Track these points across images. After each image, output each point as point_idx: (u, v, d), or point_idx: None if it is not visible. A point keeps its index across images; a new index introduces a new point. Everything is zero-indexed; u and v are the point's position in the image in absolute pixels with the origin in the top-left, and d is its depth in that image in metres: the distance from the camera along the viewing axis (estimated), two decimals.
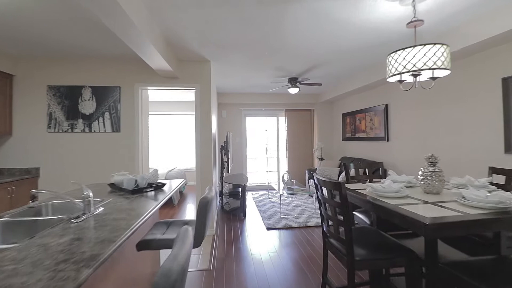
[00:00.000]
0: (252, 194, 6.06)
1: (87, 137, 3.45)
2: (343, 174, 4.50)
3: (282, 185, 5.02)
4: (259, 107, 6.51)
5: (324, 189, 1.83)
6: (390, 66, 2.04)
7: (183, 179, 2.60)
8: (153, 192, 2.03)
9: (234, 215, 4.46)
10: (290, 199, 5.39)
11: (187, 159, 7.28)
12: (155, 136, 7.17)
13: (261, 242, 3.29)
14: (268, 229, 3.75)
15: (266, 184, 6.75)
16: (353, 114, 5.45)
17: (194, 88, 3.60)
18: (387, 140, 4.35)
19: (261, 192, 6.15)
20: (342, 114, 5.92)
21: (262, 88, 5.64)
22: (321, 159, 6.08)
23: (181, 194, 5.92)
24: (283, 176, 5.02)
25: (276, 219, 4.12)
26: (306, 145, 6.64)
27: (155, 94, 5.94)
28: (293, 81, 4.63)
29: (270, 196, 5.69)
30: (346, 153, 5.84)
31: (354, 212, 2.78)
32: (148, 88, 3.61)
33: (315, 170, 5.66)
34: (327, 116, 6.59)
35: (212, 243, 3.27)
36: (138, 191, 1.99)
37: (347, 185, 2.29)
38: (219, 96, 6.21)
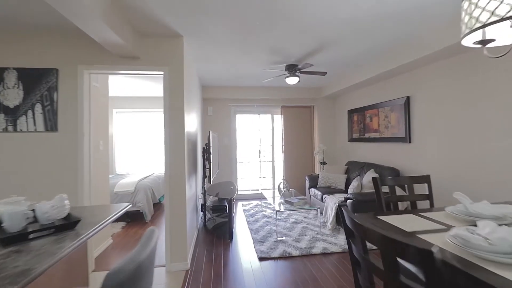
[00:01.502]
0: (242, 205, 5.15)
1: (10, 138, 2.49)
2: (354, 183, 3.64)
3: (277, 196, 4.14)
4: (251, 102, 5.61)
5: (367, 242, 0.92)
6: (467, 18, 1.16)
7: (128, 204, 1.68)
8: (52, 238, 1.11)
9: (218, 236, 3.54)
10: (288, 212, 4.50)
11: None
12: (128, 138, 6.19)
13: (250, 283, 2.39)
14: (261, 259, 2.85)
15: (259, 192, 5.86)
16: (362, 110, 4.60)
17: (161, 73, 2.67)
18: (409, 142, 3.50)
19: (253, 203, 5.24)
20: (348, 111, 5.06)
21: (254, 79, 4.74)
22: (323, 163, 5.22)
23: (160, 205, 4.98)
24: (279, 186, 4.13)
25: (271, 242, 3.22)
26: (306, 147, 5.77)
27: (121, 85, 4.98)
28: (292, 69, 3.75)
29: (263, 208, 4.79)
30: (353, 157, 4.98)
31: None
32: (98, 72, 2.67)
33: (317, 176, 4.79)
34: (329, 114, 5.73)
35: (182, 286, 2.36)
36: (18, 238, 1.07)
37: (383, 218, 1.41)
38: (204, 90, 5.28)
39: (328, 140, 5.70)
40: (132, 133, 6.18)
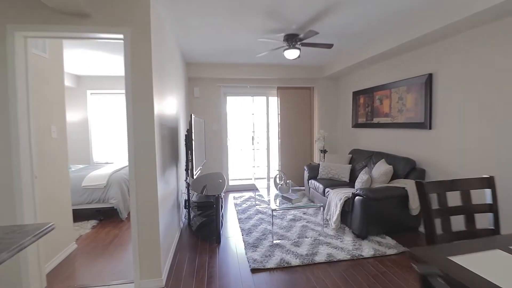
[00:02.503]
0: (234, 198, 4.63)
1: None
2: (363, 176, 3.12)
3: (273, 190, 3.61)
4: (243, 83, 4.96)
5: None
6: None
7: (50, 226, 1.11)
8: None
9: (204, 237, 3.03)
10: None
11: None
12: (107, 123, 5.50)
13: None
14: (254, 270, 2.35)
15: (253, 182, 5.34)
16: (370, 92, 4.01)
17: (119, 36, 2.02)
18: (429, 128, 2.96)
19: (246, 195, 4.73)
20: (354, 92, 4.47)
21: (246, 55, 4.07)
22: (323, 151, 4.68)
23: None
24: (275, 178, 3.60)
25: (266, 247, 2.72)
26: (304, 134, 5.20)
27: (94, 60, 4.25)
28: (292, 40, 3.10)
29: (257, 202, 4.28)
30: (357, 144, 4.45)
31: None
32: (36, 35, 2.00)
33: (317, 166, 4.27)
34: (331, 96, 5.13)
35: None
36: None
37: (463, 262, 0.86)
38: (188, 68, 4.59)
39: (330, 126, 5.13)
40: (112, 117, 5.49)
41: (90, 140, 5.41)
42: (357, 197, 2.84)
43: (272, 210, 2.84)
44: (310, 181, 4.16)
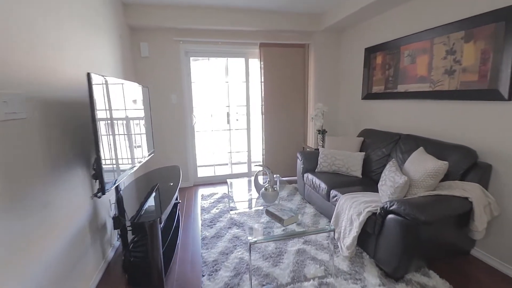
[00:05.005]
0: (202, 196, 3.42)
1: None
2: (397, 179, 1.93)
3: (254, 194, 2.43)
4: (212, 36, 3.52)
5: None
6: None
7: None
8: None
9: (136, 285, 1.83)
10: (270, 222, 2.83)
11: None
12: None
13: None
14: None
15: (229, 167, 4.13)
16: (393, 46, 2.75)
17: None
18: (508, 99, 1.79)
19: (219, 192, 3.52)
20: (367, 49, 3.18)
21: None
22: (322, 132, 3.48)
23: None
24: (255, 177, 2.40)
25: None
26: (296, 108, 3.94)
27: None
28: None
29: (232, 205, 3.09)
30: (371, 123, 3.27)
31: None
32: None
33: (315, 154, 3.09)
34: (333, 56, 3.82)
35: None
36: None
37: None
38: (126, 9, 3.07)
39: (330, 98, 3.89)
40: None
41: None
42: (391, 216, 1.70)
43: (250, 244, 1.64)
44: (306, 175, 2.99)
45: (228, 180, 2.93)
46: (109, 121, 1.63)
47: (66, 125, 1.60)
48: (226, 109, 3.92)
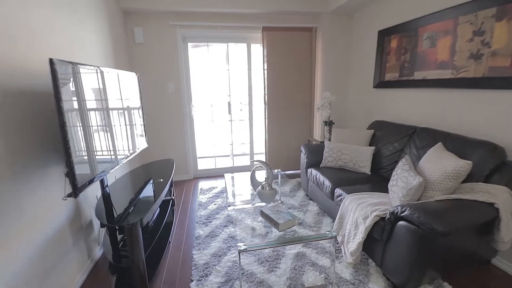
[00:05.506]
0: (201, 190, 3.27)
1: None
2: (411, 180, 1.68)
3: (249, 192, 2.25)
4: (212, 20, 3.27)
5: None
6: None
7: None
8: None
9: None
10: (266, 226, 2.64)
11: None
12: None
13: None
14: None
15: (231, 159, 3.96)
16: (410, 28, 2.43)
17: None
18: None
19: (219, 186, 3.36)
20: (380, 32, 2.87)
21: None
22: (329, 124, 3.24)
23: None
24: (252, 173, 2.21)
25: None
26: (302, 98, 3.68)
27: None
28: None
29: (230, 201, 2.92)
30: (383, 114, 2.99)
31: None
32: None
33: (320, 147, 2.86)
34: (343, 40, 3.50)
35: None
36: None
37: None
38: None
39: (338, 86, 3.60)
40: None
41: None
42: (402, 223, 1.48)
43: (239, 252, 1.47)
44: (309, 170, 2.77)
45: (225, 175, 2.76)
46: (83, 113, 1.46)
47: (37, 118, 1.44)
48: (227, 98, 3.70)
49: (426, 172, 1.75)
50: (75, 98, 1.39)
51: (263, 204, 2.77)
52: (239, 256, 1.48)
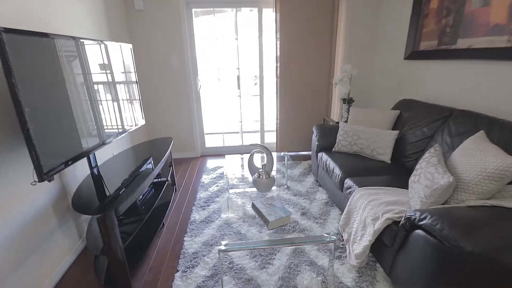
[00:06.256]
0: (205, 170, 3.13)
1: None
2: (437, 177, 1.35)
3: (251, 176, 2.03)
4: None
5: None
6: None
7: None
8: None
9: (107, 282, 1.65)
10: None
11: None
12: None
13: None
14: None
15: (240, 136, 3.75)
16: None
17: None
18: None
19: (224, 166, 3.20)
20: None
21: None
22: (348, 101, 2.85)
23: None
24: (250, 159, 1.97)
25: None
26: (320, 71, 3.26)
27: None
28: None
29: (231, 182, 2.74)
30: (411, 91, 2.54)
31: None
32: None
33: (334, 129, 2.52)
34: (371, 2, 2.96)
35: None
36: None
37: None
38: None
39: (364, 59, 3.12)
40: None
41: None
42: (419, 233, 1.19)
43: (220, 252, 1.29)
44: (320, 154, 2.48)
45: (226, 157, 2.56)
46: (51, 88, 1.29)
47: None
48: (236, 72, 3.39)
49: (459, 168, 1.39)
50: (33, 72, 1.21)
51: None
52: (220, 255, 1.30)
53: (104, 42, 1.78)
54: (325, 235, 1.36)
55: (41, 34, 1.26)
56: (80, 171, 1.93)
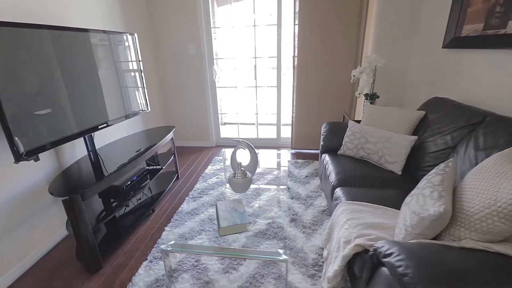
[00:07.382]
0: (213, 159, 3.11)
1: None
2: (431, 192, 1.05)
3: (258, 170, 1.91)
4: None
5: None
6: None
7: None
8: None
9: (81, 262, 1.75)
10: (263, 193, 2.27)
11: None
12: None
13: None
14: None
15: (255, 128, 3.62)
16: None
17: None
18: None
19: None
20: None
21: None
22: (371, 97, 2.47)
23: None
24: (233, 155, 1.84)
25: None
26: (344, 62, 2.89)
27: None
28: None
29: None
30: (448, 88, 2.06)
31: None
32: None
33: (343, 127, 2.21)
34: None
35: None
36: None
37: None
38: None
39: (395, 48, 2.65)
40: None
41: None
42: (385, 271, 0.93)
43: (162, 251, 1.22)
44: (323, 155, 2.21)
45: (223, 150, 2.47)
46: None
47: None
48: (253, 60, 3.23)
49: (466, 196, 1.05)
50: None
51: (267, 186, 2.43)
52: (163, 256, 1.24)
53: (107, 31, 1.82)
54: (278, 251, 1.18)
55: (36, 26, 1.32)
56: (80, 152, 2.07)
